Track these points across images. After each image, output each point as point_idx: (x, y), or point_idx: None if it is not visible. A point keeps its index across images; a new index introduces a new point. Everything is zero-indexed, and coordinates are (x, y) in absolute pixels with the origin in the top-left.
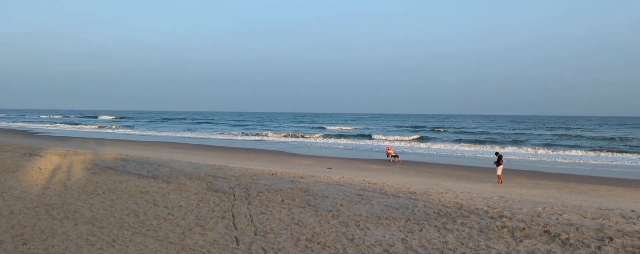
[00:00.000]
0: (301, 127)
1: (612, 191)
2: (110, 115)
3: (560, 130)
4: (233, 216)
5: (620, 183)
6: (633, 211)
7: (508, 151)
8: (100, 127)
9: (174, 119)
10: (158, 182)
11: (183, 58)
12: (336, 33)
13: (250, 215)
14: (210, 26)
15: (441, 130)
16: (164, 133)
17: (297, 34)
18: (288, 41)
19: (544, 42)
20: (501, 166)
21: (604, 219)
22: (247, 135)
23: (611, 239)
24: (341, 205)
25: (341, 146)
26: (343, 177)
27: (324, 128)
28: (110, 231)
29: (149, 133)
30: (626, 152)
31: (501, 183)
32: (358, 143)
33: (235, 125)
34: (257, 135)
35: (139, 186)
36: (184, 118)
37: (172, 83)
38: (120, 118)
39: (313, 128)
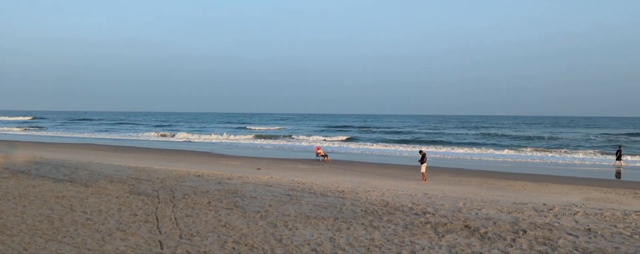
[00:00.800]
0: (227, 127)
1: (526, 186)
2: (24, 116)
3: (482, 129)
4: (157, 219)
5: (533, 179)
6: (544, 204)
7: (434, 150)
8: (24, 129)
9: (93, 119)
10: (76, 186)
11: (101, 55)
12: (260, 30)
13: (175, 218)
14: (128, 21)
15: (369, 129)
16: (82, 135)
17: (222, 31)
18: (211, 38)
19: (478, 48)
20: (425, 164)
21: (518, 212)
22: (170, 136)
23: (525, 231)
24: (270, 206)
25: (269, 147)
26: (272, 177)
27: (248, 129)
28: (22, 239)
29: (66, 134)
30: (542, 150)
31: (425, 180)
32: (286, 143)
33: (157, 126)
34: (171, 135)
35: (55, 190)
36: (102, 119)
37: (90, 81)
38: (35, 119)
39: (239, 128)
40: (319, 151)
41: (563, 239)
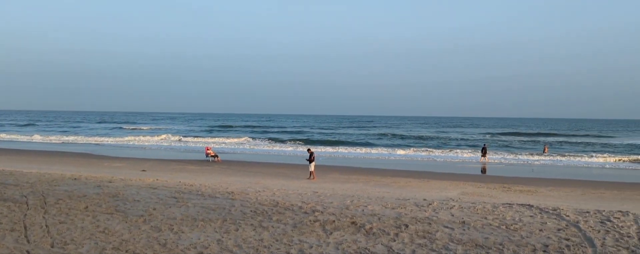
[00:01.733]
0: (103, 127)
1: (410, 183)
2: None
3: (376, 129)
4: (25, 227)
5: (416, 175)
6: (425, 200)
7: (332, 150)
8: None
9: None
10: None
11: None
12: (154, 27)
13: (46, 226)
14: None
15: (261, 129)
16: None
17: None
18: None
19: (376, 54)
20: (313, 163)
21: (401, 208)
22: (46, 135)
23: (407, 226)
24: (154, 209)
25: (155, 148)
26: (157, 179)
27: (125, 128)
28: None
29: None
30: (426, 149)
31: (314, 179)
32: (177, 144)
33: (27, 125)
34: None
35: None
36: None
37: None
38: None
39: (115, 129)
40: (208, 151)
41: (440, 232)
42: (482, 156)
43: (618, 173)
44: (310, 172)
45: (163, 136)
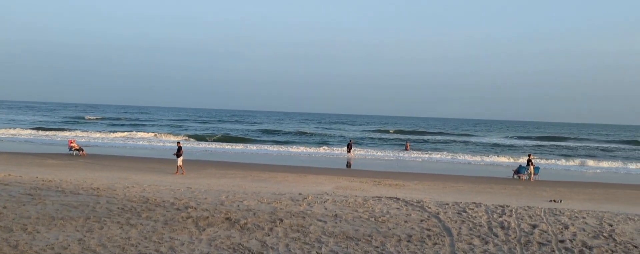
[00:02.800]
0: None
1: (287, 178)
2: None
3: (256, 125)
4: None
5: (294, 170)
6: (300, 194)
7: (215, 146)
8: None
9: None
10: None
11: None
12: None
13: None
14: None
15: (127, 121)
16: None
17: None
18: None
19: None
20: (181, 158)
21: (277, 203)
22: None
23: (281, 220)
24: (4, 207)
25: (8, 139)
26: (9, 175)
27: None
28: None
29: None
30: (307, 145)
31: (183, 173)
32: (34, 138)
33: None
34: None
35: None
36: None
37: None
38: None
39: None
40: (72, 144)
41: (314, 226)
42: (348, 151)
43: (475, 169)
44: (178, 166)
45: (15, 129)
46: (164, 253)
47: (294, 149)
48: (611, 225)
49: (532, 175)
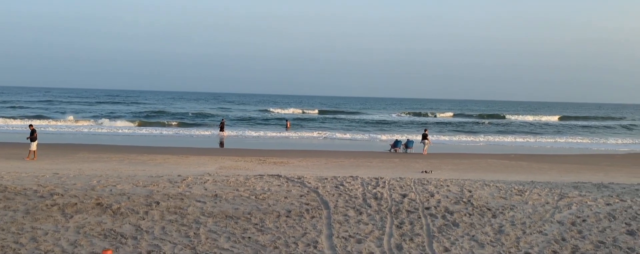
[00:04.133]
0: None
1: (168, 160)
2: None
3: (145, 106)
4: None
5: (176, 152)
6: (179, 175)
7: (82, 128)
8: None
9: None
10: None
11: None
12: None
13: None
14: None
15: None
16: None
17: None
18: None
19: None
20: (35, 142)
21: (154, 185)
22: None
23: (158, 203)
24: None
25: None
26: None
27: None
28: None
29: None
30: (199, 126)
31: (35, 159)
32: None
33: None
34: None
35: None
36: None
37: None
38: None
39: None
40: None
41: (192, 207)
42: (220, 130)
43: (356, 144)
44: (31, 151)
45: None
46: (25, 244)
47: (176, 130)
48: (470, 191)
49: (426, 147)
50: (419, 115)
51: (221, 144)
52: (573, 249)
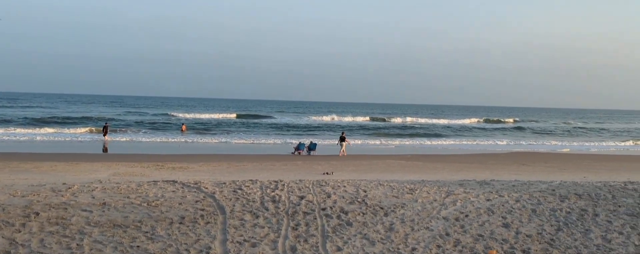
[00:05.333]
0: None
1: (55, 167)
2: None
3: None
4: None
5: (65, 158)
6: (64, 184)
7: None
8: None
9: None
10: None
11: None
12: None
13: None
14: None
15: None
16: None
17: None
18: None
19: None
20: None
21: (34, 195)
22: None
23: (37, 214)
24: None
25: None
26: None
27: None
28: None
29: None
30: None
31: None
32: None
33: None
34: None
35: None
36: None
37: None
38: None
39: None
40: None
41: (77, 217)
42: (103, 135)
43: (261, 148)
44: None
45: None
46: None
47: (61, 137)
48: (365, 191)
49: (344, 149)
50: (334, 118)
51: (104, 149)
52: (455, 243)
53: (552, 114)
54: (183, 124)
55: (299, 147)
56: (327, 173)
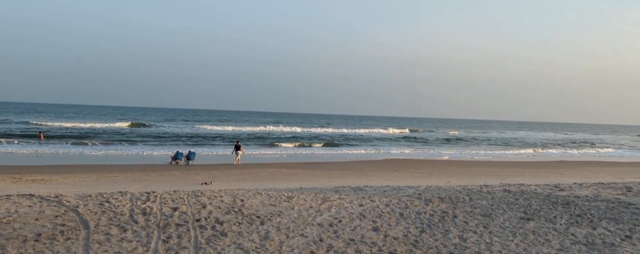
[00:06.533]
0: None
1: None
2: None
3: None
4: None
5: None
6: None
7: None
8: None
9: None
10: None
11: None
12: None
13: None
14: None
15: None
16: None
17: None
18: None
19: None
20: None
21: None
22: None
23: None
24: None
25: None
26: None
27: None
28: None
29: None
30: None
31: None
32: None
33: None
34: None
35: None
36: None
37: None
38: None
39: None
40: None
41: None
42: None
43: (135, 157)
44: None
45: None
46: None
47: None
48: (242, 201)
49: (239, 158)
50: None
51: None
52: (328, 248)
53: (440, 124)
54: (41, 132)
55: (176, 156)
56: (205, 183)
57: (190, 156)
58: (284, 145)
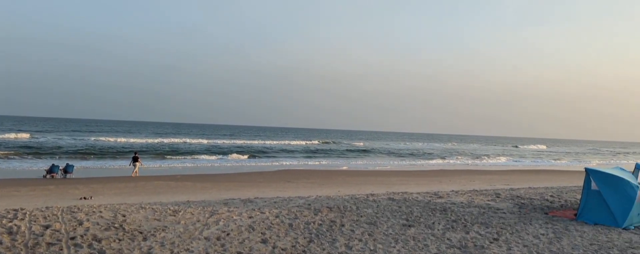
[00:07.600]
0: None
1: None
2: None
3: None
4: None
5: None
6: None
7: None
8: None
9: None
10: None
11: None
12: None
13: None
14: None
15: None
16: None
17: None
18: None
19: None
20: None
21: None
22: None
23: None
24: None
25: None
26: None
27: None
28: None
29: None
30: None
31: None
32: None
33: None
34: None
35: None
36: None
37: None
38: None
39: None
40: None
41: None
42: None
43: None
44: None
45: None
46: None
47: None
48: (124, 216)
49: (137, 170)
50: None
51: None
52: None
53: (355, 136)
54: None
55: (52, 170)
56: (84, 198)
57: (67, 169)
58: (177, 157)
